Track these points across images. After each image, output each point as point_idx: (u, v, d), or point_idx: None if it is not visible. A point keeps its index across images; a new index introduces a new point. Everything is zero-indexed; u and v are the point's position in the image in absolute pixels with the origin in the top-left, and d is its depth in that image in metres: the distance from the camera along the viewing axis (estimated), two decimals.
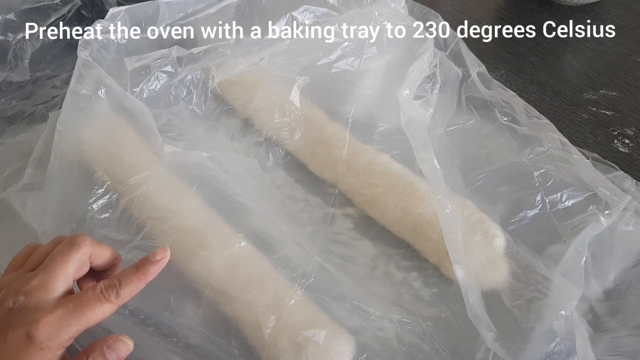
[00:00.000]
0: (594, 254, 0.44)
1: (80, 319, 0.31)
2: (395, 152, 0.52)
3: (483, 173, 0.51)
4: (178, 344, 0.40)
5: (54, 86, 0.63)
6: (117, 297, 0.32)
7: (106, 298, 0.32)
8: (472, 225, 0.45)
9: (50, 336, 0.30)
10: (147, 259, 0.34)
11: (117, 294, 0.32)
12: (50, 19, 0.65)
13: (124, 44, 0.50)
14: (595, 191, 0.47)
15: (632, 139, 0.59)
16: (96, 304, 0.31)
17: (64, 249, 0.33)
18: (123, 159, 0.45)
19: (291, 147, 0.55)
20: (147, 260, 0.34)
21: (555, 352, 0.38)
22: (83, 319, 0.31)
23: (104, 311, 0.32)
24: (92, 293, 0.32)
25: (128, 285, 0.33)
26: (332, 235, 0.49)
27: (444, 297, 0.44)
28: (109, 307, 0.32)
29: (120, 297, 0.32)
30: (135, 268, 0.34)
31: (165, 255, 0.35)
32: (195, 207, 0.45)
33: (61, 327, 0.30)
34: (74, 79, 0.45)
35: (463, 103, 0.57)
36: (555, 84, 0.66)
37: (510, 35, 0.73)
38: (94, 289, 0.32)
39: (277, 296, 0.40)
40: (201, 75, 0.56)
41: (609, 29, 0.73)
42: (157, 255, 0.34)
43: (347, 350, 0.39)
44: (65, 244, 0.33)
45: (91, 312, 0.31)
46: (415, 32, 0.57)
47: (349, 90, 0.57)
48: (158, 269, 0.34)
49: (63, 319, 0.30)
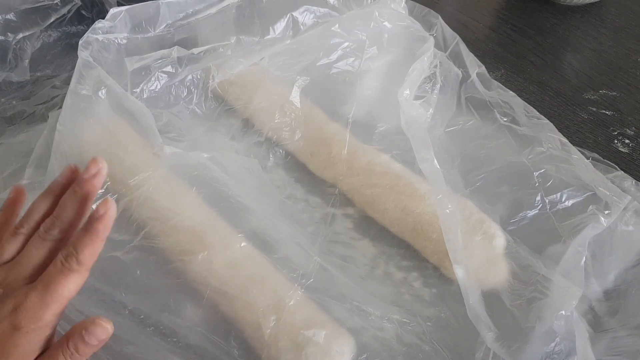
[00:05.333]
0: (594, 254, 0.44)
1: (54, 297, 0.31)
2: (395, 152, 0.52)
3: (483, 173, 0.51)
4: (178, 344, 0.40)
5: (54, 86, 0.63)
6: (79, 263, 0.31)
7: (69, 268, 0.31)
8: (472, 225, 0.45)
9: (33, 320, 0.30)
10: (92, 216, 0.32)
11: (78, 261, 0.31)
12: (50, 19, 0.65)
13: (124, 44, 0.50)
14: (595, 191, 0.47)
15: (632, 139, 0.59)
16: (61, 278, 0.31)
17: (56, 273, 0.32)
18: (123, 159, 0.45)
19: (291, 147, 0.55)
20: (92, 218, 0.32)
21: (555, 352, 0.39)
22: (56, 295, 0.31)
23: (74, 281, 0.31)
24: (54, 268, 0.31)
25: (84, 249, 0.31)
26: (332, 236, 0.49)
27: (444, 297, 0.44)
28: (76, 276, 0.31)
29: (82, 263, 0.31)
30: (85, 230, 0.32)
31: (109, 208, 0.32)
32: (196, 207, 0.45)
33: (40, 310, 0.30)
34: (74, 79, 0.45)
35: (463, 103, 0.57)
36: (555, 84, 0.66)
37: (510, 35, 0.73)
38: (55, 264, 0.31)
39: (277, 296, 0.40)
40: (201, 75, 0.56)
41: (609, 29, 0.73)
42: (100, 210, 0.31)
43: (347, 350, 0.39)
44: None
45: (61, 287, 0.31)
46: (416, 32, 0.57)
47: (349, 91, 0.57)
48: (107, 224, 0.32)
49: (39, 302, 0.30)
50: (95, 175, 0.33)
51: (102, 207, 0.32)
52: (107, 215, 0.32)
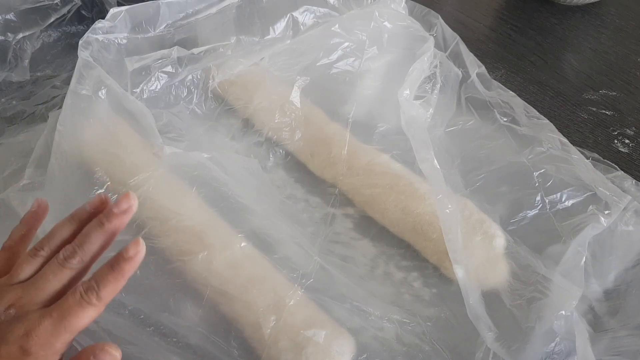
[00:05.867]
0: (594, 254, 0.44)
1: (67, 327, 0.30)
2: (396, 152, 0.52)
3: (483, 173, 0.51)
4: (178, 344, 0.40)
5: (54, 86, 0.63)
6: (99, 299, 0.31)
7: (87, 302, 0.31)
8: (472, 225, 0.45)
9: (43, 347, 0.30)
10: (120, 255, 0.32)
11: (98, 296, 0.31)
12: (50, 19, 0.65)
13: (124, 44, 0.50)
14: (595, 191, 0.47)
15: (632, 139, 0.59)
16: (78, 310, 0.31)
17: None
18: (123, 159, 0.45)
19: (291, 147, 0.55)
20: (120, 257, 0.32)
21: (555, 352, 0.39)
22: (70, 327, 0.30)
23: (89, 315, 0.31)
24: (73, 299, 0.31)
25: (107, 286, 0.31)
26: (332, 236, 0.49)
27: (444, 297, 0.44)
28: (93, 310, 0.31)
29: (102, 299, 0.31)
30: (110, 267, 0.32)
31: (139, 250, 0.32)
32: (196, 207, 0.45)
33: (51, 338, 0.30)
34: (74, 80, 0.45)
35: (463, 103, 0.57)
36: (555, 84, 0.66)
37: (510, 35, 0.73)
38: (74, 294, 0.31)
39: (277, 296, 0.40)
40: (201, 75, 0.56)
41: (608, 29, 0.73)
42: (130, 251, 0.32)
43: (347, 350, 0.39)
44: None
45: (76, 320, 0.30)
46: (416, 32, 0.57)
47: (349, 91, 0.57)
48: (134, 266, 0.32)
49: (52, 329, 0.30)
50: (125, 211, 0.33)
51: (133, 248, 0.32)
52: (137, 257, 0.32)
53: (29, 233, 0.36)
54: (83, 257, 0.33)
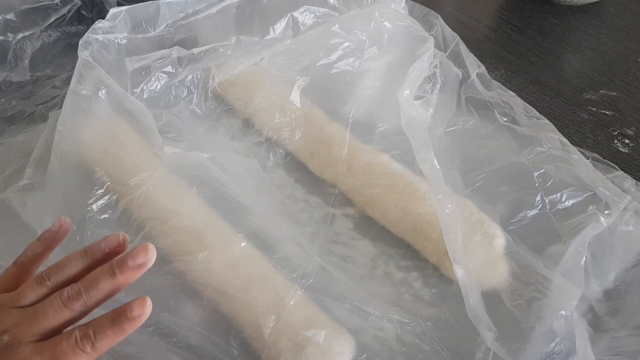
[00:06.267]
0: (594, 254, 0.44)
1: None
2: (396, 152, 0.52)
3: (483, 173, 0.51)
4: (178, 344, 0.40)
5: (54, 86, 0.63)
6: (93, 349, 0.30)
7: (81, 349, 0.30)
8: (472, 225, 0.45)
9: None
10: (123, 312, 0.31)
11: (93, 346, 0.30)
12: (50, 19, 0.65)
13: (124, 44, 0.50)
14: (595, 191, 0.47)
15: (632, 139, 0.59)
16: (71, 355, 0.30)
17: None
18: (123, 159, 0.45)
19: (291, 147, 0.55)
20: (123, 314, 0.31)
21: (555, 352, 0.39)
22: None
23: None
24: (67, 344, 0.30)
25: (103, 339, 0.31)
26: (332, 236, 0.49)
27: (444, 297, 0.44)
28: (85, 358, 0.30)
29: (96, 349, 0.31)
30: (111, 320, 0.31)
31: (144, 312, 0.31)
32: (196, 207, 0.45)
33: None
34: (74, 80, 0.45)
35: (463, 104, 0.57)
36: (555, 84, 0.66)
37: (510, 35, 0.73)
38: (69, 339, 0.30)
39: (277, 296, 0.40)
40: (201, 75, 0.56)
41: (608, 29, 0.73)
42: (134, 310, 0.31)
43: (347, 350, 0.39)
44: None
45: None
46: (416, 32, 0.57)
47: (349, 91, 0.57)
48: (135, 325, 0.31)
49: None
50: (140, 266, 0.32)
51: (138, 308, 0.31)
52: (140, 318, 0.31)
53: (44, 253, 0.35)
54: (87, 301, 0.32)
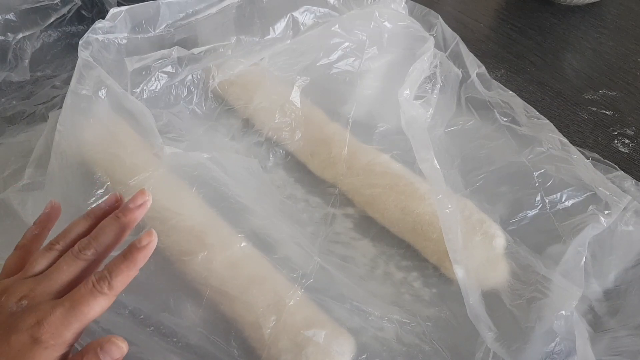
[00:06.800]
0: (594, 254, 0.44)
1: (78, 316, 0.31)
2: (396, 152, 0.52)
3: (483, 173, 0.51)
4: (178, 344, 0.40)
5: (54, 86, 0.63)
6: (110, 288, 0.32)
7: (99, 291, 0.31)
8: (472, 225, 0.45)
9: (54, 336, 0.30)
10: (133, 245, 0.33)
11: (110, 285, 0.32)
12: (50, 19, 0.65)
13: (124, 44, 0.50)
14: (595, 191, 0.47)
15: (632, 139, 0.59)
16: (90, 299, 0.31)
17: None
18: (123, 159, 0.45)
19: (291, 147, 0.55)
20: (133, 247, 0.33)
21: (555, 352, 0.39)
22: (81, 315, 0.31)
23: (101, 304, 0.32)
24: (85, 289, 0.32)
25: (119, 275, 0.32)
26: (332, 236, 0.49)
27: (444, 297, 0.44)
28: (104, 299, 0.32)
29: (113, 288, 0.32)
30: (123, 256, 0.33)
31: (152, 240, 0.33)
32: (196, 207, 0.45)
33: (62, 327, 0.31)
34: (74, 80, 0.45)
35: (463, 104, 0.57)
36: (555, 84, 0.66)
37: (510, 35, 0.73)
38: (86, 284, 0.32)
39: (277, 296, 0.40)
40: (202, 75, 0.56)
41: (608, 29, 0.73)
42: (143, 240, 0.33)
43: (347, 350, 0.39)
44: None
45: (87, 308, 0.31)
46: (416, 32, 0.57)
47: (350, 91, 0.57)
48: (146, 255, 0.33)
49: (63, 319, 0.31)
50: (140, 206, 0.35)
51: (145, 237, 0.33)
52: (149, 246, 0.33)
53: (42, 233, 0.37)
54: (97, 248, 0.34)
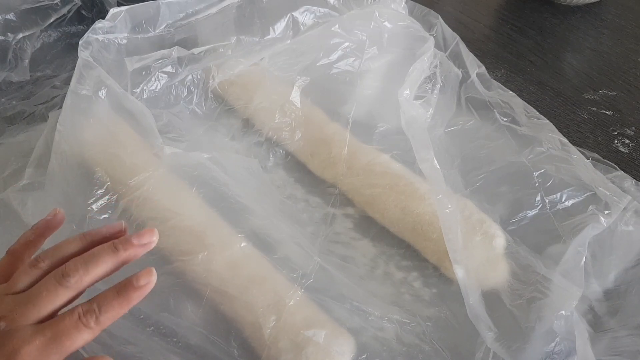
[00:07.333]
0: (594, 254, 0.44)
1: (59, 349, 0.29)
2: (396, 152, 0.52)
3: (483, 173, 0.51)
4: (178, 344, 0.40)
5: (54, 86, 0.63)
6: (97, 323, 0.29)
7: (85, 324, 0.29)
8: (472, 225, 0.45)
9: None
10: (129, 282, 0.30)
11: (97, 320, 0.29)
12: (50, 19, 0.65)
13: (124, 44, 0.50)
14: (595, 191, 0.47)
15: (632, 139, 0.59)
16: (73, 332, 0.29)
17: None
18: (123, 159, 0.45)
19: (291, 147, 0.55)
20: (129, 284, 0.30)
21: (555, 352, 0.39)
22: (62, 348, 0.29)
23: (84, 338, 0.29)
24: (69, 320, 0.29)
25: (108, 311, 0.30)
26: (332, 236, 0.49)
27: (444, 297, 0.44)
28: (89, 333, 0.29)
29: (100, 323, 0.30)
30: (116, 292, 0.30)
31: (150, 280, 0.30)
32: (196, 207, 0.45)
33: (41, 357, 0.29)
34: (74, 80, 0.45)
35: (463, 104, 0.57)
36: (555, 84, 0.66)
37: (510, 35, 0.73)
38: (72, 315, 0.29)
39: (277, 296, 0.40)
40: (202, 75, 0.56)
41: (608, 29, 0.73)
42: (141, 280, 0.30)
43: (347, 350, 0.39)
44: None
45: (69, 342, 0.29)
46: (416, 32, 0.57)
47: (350, 91, 0.57)
48: (142, 295, 0.30)
49: (42, 349, 0.29)
50: (144, 245, 0.32)
51: (145, 277, 0.30)
52: (147, 287, 0.31)
53: (36, 240, 0.34)
54: (83, 276, 0.31)
